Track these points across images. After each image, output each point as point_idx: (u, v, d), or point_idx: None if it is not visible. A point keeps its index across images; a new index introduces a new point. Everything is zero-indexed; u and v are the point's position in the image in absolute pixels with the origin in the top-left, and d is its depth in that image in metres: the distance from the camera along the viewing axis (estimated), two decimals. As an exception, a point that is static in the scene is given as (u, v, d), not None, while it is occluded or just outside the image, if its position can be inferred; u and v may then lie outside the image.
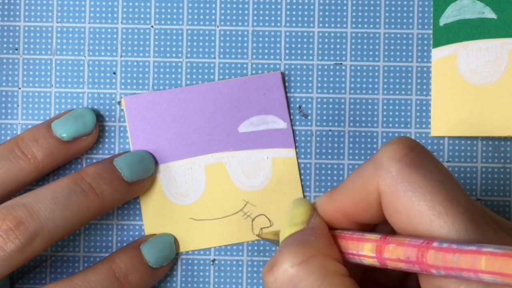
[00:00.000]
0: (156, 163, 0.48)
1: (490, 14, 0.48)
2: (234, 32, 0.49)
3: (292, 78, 0.49)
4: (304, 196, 0.48)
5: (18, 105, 0.49)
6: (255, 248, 0.49)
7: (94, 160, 0.49)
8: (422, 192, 0.35)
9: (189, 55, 0.49)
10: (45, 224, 0.43)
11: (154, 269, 0.47)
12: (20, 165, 0.45)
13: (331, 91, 0.49)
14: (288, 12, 0.49)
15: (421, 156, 0.36)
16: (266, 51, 0.49)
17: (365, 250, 0.37)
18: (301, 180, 0.49)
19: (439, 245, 0.34)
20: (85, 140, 0.47)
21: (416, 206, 0.35)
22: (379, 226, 0.40)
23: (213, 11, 0.49)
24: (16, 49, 0.49)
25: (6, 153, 0.45)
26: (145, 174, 0.47)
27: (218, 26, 0.49)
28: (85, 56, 0.49)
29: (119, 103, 0.49)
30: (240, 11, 0.49)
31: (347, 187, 0.38)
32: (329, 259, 0.37)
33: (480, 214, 0.36)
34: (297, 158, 0.49)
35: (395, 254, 0.35)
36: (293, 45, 0.49)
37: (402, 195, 0.36)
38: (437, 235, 0.35)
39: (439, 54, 0.48)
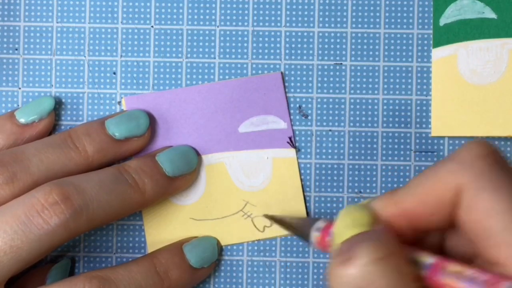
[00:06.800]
0: (200, 157, 0.48)
1: (490, 14, 0.48)
2: (234, 32, 0.49)
3: (292, 78, 0.49)
4: (305, 197, 0.48)
5: (18, 106, 0.49)
6: (255, 248, 0.49)
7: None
8: (505, 191, 0.35)
9: (189, 55, 0.49)
10: (91, 202, 0.43)
11: (195, 269, 0.47)
12: (70, 156, 0.45)
13: (331, 91, 0.49)
14: (288, 12, 0.49)
15: (502, 158, 0.36)
16: (266, 51, 0.49)
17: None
18: (301, 180, 0.49)
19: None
20: (137, 141, 0.47)
21: (498, 204, 0.35)
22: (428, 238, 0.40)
23: (213, 11, 0.49)
24: (16, 49, 0.49)
25: (59, 142, 0.45)
26: (187, 169, 0.47)
27: (218, 26, 0.49)
28: (85, 56, 0.49)
29: (119, 103, 0.49)
30: (240, 11, 0.49)
31: (416, 188, 0.37)
32: (404, 261, 0.36)
33: None
34: (297, 158, 0.49)
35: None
36: (293, 45, 0.49)
37: (485, 191, 0.35)
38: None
39: (439, 54, 0.48)
